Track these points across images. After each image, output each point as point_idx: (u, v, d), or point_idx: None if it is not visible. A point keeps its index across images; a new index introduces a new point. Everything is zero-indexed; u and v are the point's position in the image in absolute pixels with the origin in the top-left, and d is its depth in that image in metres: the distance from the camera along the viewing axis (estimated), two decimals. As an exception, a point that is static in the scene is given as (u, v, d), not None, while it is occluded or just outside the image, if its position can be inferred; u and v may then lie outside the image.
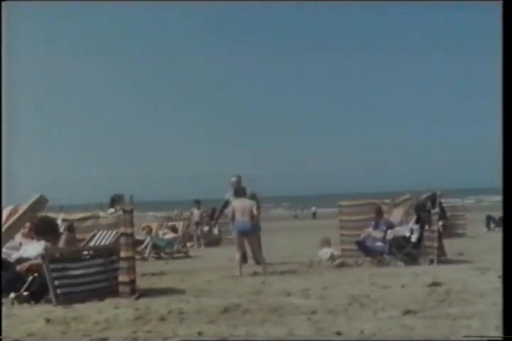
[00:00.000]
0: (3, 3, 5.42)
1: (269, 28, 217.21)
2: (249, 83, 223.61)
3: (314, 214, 45.14)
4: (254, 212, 9.64)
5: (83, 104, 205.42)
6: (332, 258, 10.27)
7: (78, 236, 7.92)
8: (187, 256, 14.34)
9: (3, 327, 5.14)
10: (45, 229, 7.44)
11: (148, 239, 13.71)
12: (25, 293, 6.66)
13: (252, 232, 9.72)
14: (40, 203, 6.42)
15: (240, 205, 9.71)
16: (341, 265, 10.00)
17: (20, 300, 6.56)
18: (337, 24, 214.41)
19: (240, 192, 10.10)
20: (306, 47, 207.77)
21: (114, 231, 7.53)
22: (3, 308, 6.17)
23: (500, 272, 4.50)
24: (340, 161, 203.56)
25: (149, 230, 14.53)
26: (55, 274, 6.61)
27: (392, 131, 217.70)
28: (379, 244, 10.29)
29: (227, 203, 10.95)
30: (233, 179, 10.77)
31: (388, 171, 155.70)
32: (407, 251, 10.07)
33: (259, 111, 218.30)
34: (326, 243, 10.72)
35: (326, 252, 10.43)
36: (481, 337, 4.39)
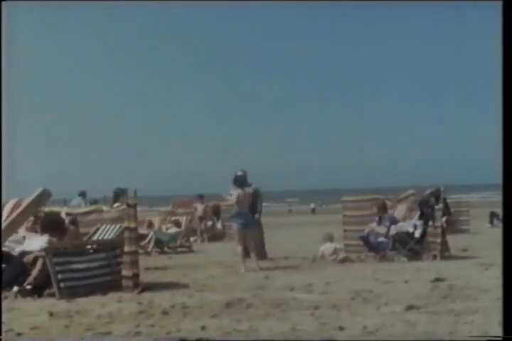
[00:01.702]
0: (3, 3, 5.42)
1: (271, 26, 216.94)
2: (252, 80, 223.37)
3: (313, 209, 45.71)
4: (254, 202, 9.41)
5: (84, 103, 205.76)
6: (335, 252, 10.26)
7: (81, 230, 7.95)
8: (190, 250, 14.34)
9: (7, 321, 5.16)
10: (51, 225, 7.45)
11: (151, 234, 13.69)
12: (29, 287, 6.68)
13: (252, 225, 9.50)
14: (43, 197, 6.41)
15: (237, 197, 9.51)
16: (344, 260, 9.99)
17: (23, 293, 6.58)
18: (338, 19, 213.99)
19: (239, 181, 9.72)
20: (308, 47, 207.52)
21: (118, 226, 7.53)
22: (7, 302, 6.19)
23: (504, 268, 4.49)
24: (344, 157, 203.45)
25: (150, 224, 14.52)
26: (58, 268, 6.63)
27: (396, 126, 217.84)
28: (382, 239, 10.27)
29: None
30: (239, 174, 10.73)
31: (392, 167, 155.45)
32: (410, 247, 10.05)
33: (261, 109, 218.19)
34: (329, 238, 10.70)
35: (328, 247, 10.41)
36: (482, 336, 4.38)
